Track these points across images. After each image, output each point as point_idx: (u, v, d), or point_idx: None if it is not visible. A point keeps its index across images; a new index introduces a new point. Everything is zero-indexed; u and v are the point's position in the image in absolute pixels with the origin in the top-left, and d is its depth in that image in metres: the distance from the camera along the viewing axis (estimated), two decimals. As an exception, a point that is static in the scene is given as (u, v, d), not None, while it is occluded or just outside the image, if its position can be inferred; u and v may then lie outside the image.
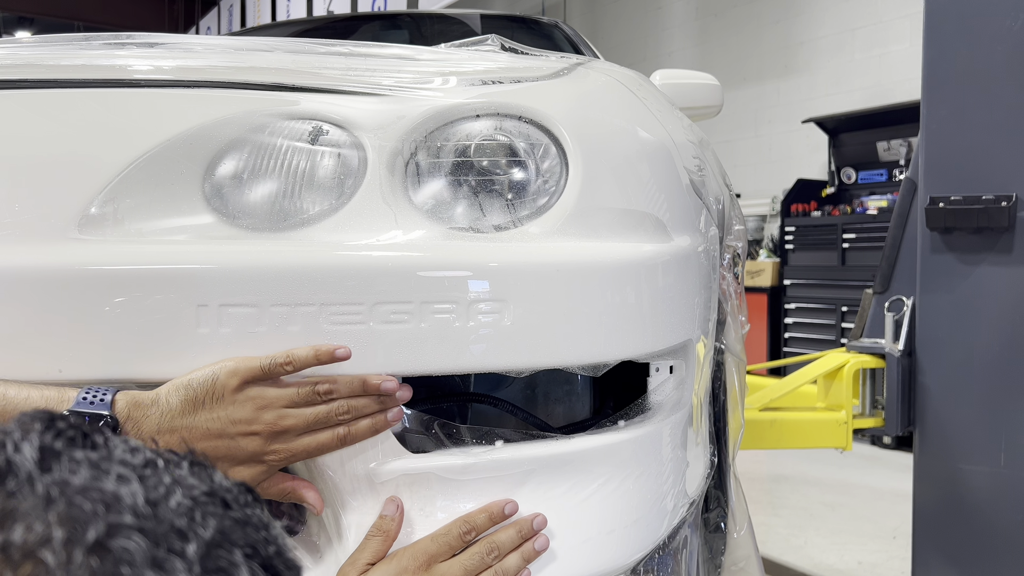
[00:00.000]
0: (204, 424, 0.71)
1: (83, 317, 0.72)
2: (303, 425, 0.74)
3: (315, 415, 0.74)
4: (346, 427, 0.75)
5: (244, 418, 0.72)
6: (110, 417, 0.69)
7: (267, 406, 0.72)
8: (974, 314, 1.68)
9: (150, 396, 0.71)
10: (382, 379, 0.75)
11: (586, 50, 2.35)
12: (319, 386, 0.74)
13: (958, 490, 1.71)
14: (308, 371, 0.74)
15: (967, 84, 1.67)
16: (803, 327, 4.91)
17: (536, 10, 7.21)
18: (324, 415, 0.74)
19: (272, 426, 0.73)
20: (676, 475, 0.94)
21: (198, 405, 0.71)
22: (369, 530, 0.77)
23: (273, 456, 0.74)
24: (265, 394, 0.73)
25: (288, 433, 0.73)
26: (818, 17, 5.63)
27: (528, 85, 0.92)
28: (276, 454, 0.74)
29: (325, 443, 0.75)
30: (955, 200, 1.68)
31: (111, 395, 0.70)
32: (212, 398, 0.71)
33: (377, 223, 0.80)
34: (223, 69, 0.88)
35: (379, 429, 0.77)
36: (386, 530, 0.77)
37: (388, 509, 0.78)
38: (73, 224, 0.75)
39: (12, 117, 0.79)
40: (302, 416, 0.74)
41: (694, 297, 0.95)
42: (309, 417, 0.74)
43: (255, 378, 0.72)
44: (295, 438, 0.74)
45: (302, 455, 0.75)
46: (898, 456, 3.73)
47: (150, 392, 0.72)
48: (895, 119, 4.77)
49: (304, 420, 0.74)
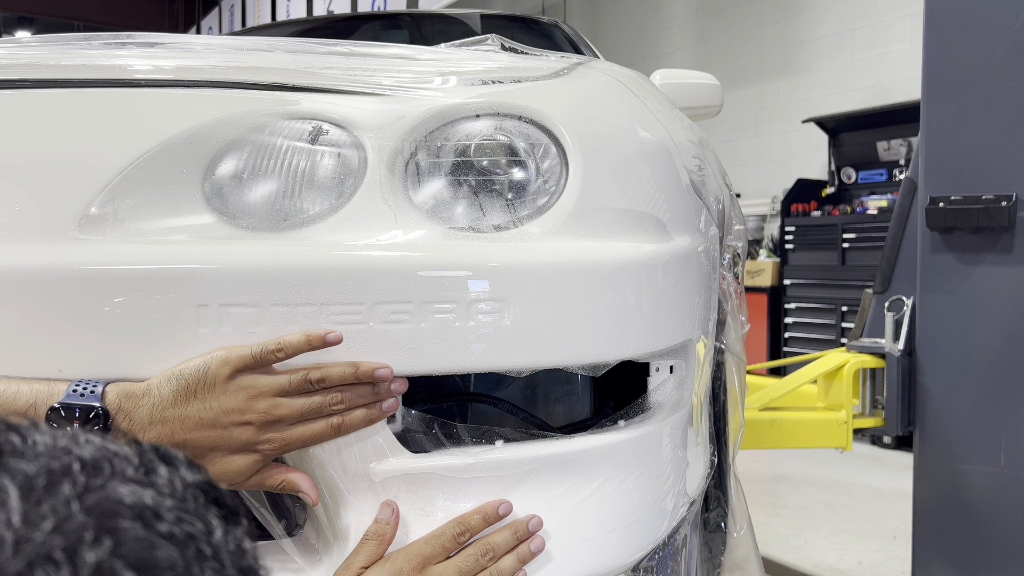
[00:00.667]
0: (197, 414, 0.71)
1: (83, 317, 0.72)
2: (296, 414, 0.73)
3: (308, 405, 0.74)
4: (340, 416, 0.75)
5: (236, 407, 0.72)
6: (100, 409, 0.69)
7: (259, 395, 0.72)
8: (974, 314, 1.68)
9: (141, 387, 0.71)
10: (375, 366, 0.74)
11: (586, 50, 2.35)
12: (311, 374, 0.73)
13: (958, 490, 1.71)
14: (304, 361, 0.74)
15: (967, 84, 1.67)
16: (803, 327, 4.91)
17: (536, 10, 7.21)
18: (318, 405, 0.74)
19: (265, 415, 0.72)
20: (676, 475, 0.94)
21: (190, 395, 0.71)
22: (365, 533, 0.77)
23: (267, 445, 0.73)
24: (257, 383, 0.72)
25: (281, 422, 0.73)
26: (818, 17, 5.63)
27: (528, 85, 0.92)
28: (270, 443, 0.73)
29: (319, 432, 0.75)
30: (955, 200, 1.68)
31: (101, 387, 0.70)
32: (204, 388, 0.71)
33: (377, 223, 0.80)
34: (223, 69, 0.88)
35: (374, 419, 0.77)
36: (381, 534, 0.77)
37: (383, 513, 0.78)
38: (73, 224, 0.75)
39: (12, 117, 0.79)
40: (295, 405, 0.73)
41: (694, 297, 0.95)
42: (302, 406, 0.74)
43: (247, 366, 0.72)
44: (288, 427, 0.74)
45: (296, 444, 0.75)
46: (898, 456, 3.73)
47: (141, 383, 0.72)
48: (895, 119, 4.77)
49: (297, 409, 0.73)
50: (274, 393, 0.73)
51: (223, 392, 0.72)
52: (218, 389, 0.72)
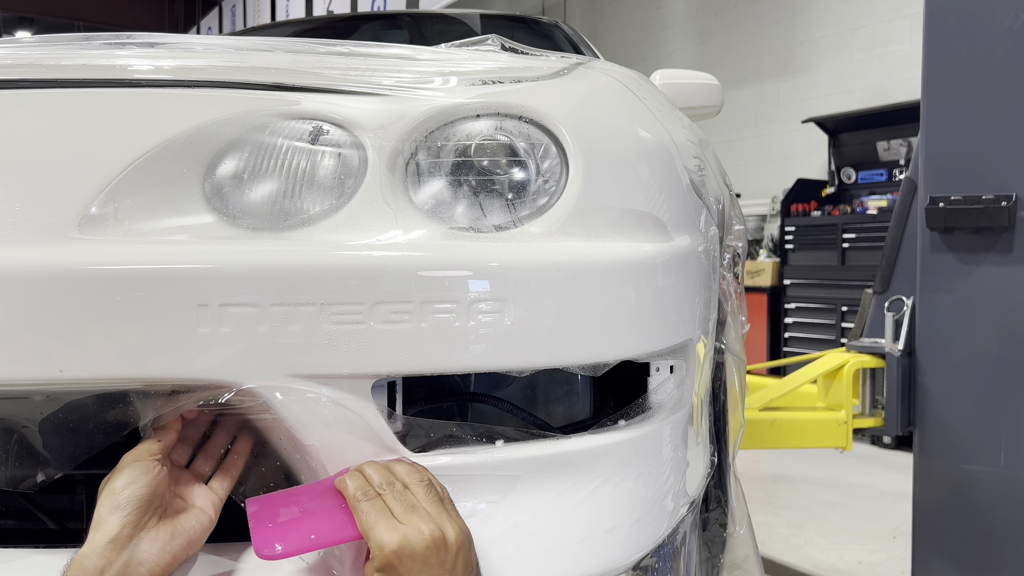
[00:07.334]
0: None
1: (83, 317, 0.72)
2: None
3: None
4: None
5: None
6: None
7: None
8: (974, 314, 1.68)
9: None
10: None
11: (586, 50, 2.35)
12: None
13: (958, 490, 1.71)
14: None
15: (967, 84, 1.67)
16: (803, 327, 4.91)
17: (536, 10, 7.21)
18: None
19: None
20: (676, 474, 0.94)
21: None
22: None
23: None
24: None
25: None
26: (818, 17, 5.63)
27: (528, 85, 0.92)
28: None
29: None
30: (955, 200, 1.68)
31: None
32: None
33: (377, 223, 0.80)
34: (223, 69, 0.88)
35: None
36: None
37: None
38: (73, 224, 0.75)
39: (12, 117, 0.79)
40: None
41: (694, 297, 0.95)
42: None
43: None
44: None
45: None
46: (898, 456, 3.73)
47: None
48: (895, 119, 4.77)
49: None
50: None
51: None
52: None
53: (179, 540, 0.74)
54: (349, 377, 0.77)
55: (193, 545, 0.75)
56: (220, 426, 0.84)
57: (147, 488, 0.73)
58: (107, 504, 0.72)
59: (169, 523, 0.74)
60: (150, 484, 0.73)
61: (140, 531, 0.72)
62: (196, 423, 0.82)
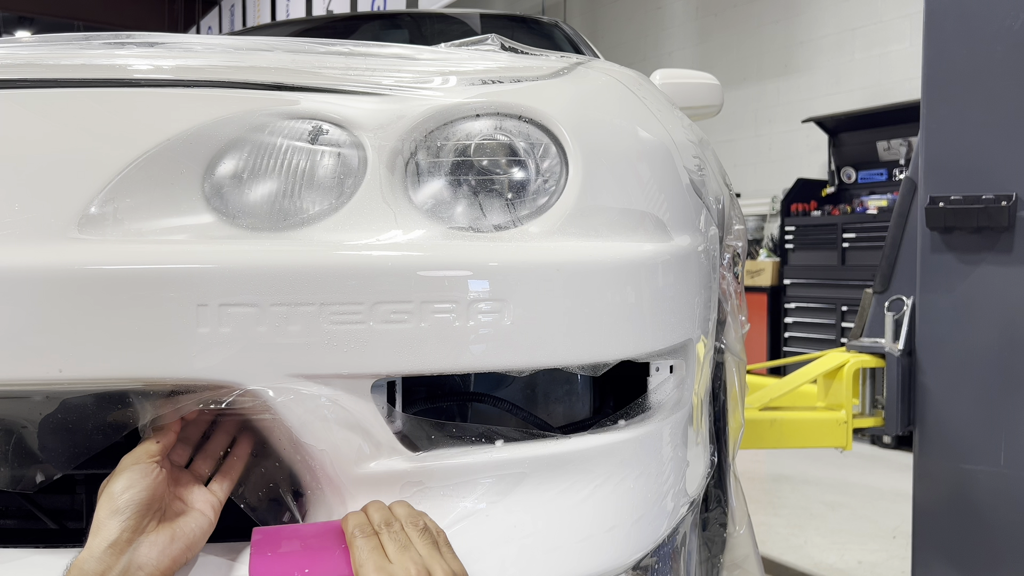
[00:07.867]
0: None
1: (83, 317, 0.72)
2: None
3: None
4: None
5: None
6: None
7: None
8: (974, 314, 1.68)
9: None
10: None
11: (586, 50, 2.35)
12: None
13: (958, 490, 1.71)
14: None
15: (967, 84, 1.67)
16: (803, 327, 4.91)
17: (536, 10, 7.21)
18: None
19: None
20: (676, 474, 0.94)
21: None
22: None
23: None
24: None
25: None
26: (818, 17, 5.63)
27: (528, 85, 0.92)
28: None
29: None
30: (955, 200, 1.68)
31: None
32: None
33: (377, 223, 0.80)
34: (223, 69, 0.88)
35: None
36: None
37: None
38: (73, 224, 0.75)
39: (12, 117, 0.79)
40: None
41: (694, 297, 0.95)
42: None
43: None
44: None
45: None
46: (898, 456, 3.73)
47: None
48: (895, 119, 4.77)
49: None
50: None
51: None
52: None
53: (178, 544, 0.74)
54: (349, 377, 0.77)
55: (192, 548, 0.75)
56: (220, 426, 0.84)
57: (146, 492, 0.73)
58: (106, 508, 0.72)
59: (168, 526, 0.74)
60: (149, 487, 0.73)
61: (139, 535, 0.72)
62: (196, 423, 0.82)
